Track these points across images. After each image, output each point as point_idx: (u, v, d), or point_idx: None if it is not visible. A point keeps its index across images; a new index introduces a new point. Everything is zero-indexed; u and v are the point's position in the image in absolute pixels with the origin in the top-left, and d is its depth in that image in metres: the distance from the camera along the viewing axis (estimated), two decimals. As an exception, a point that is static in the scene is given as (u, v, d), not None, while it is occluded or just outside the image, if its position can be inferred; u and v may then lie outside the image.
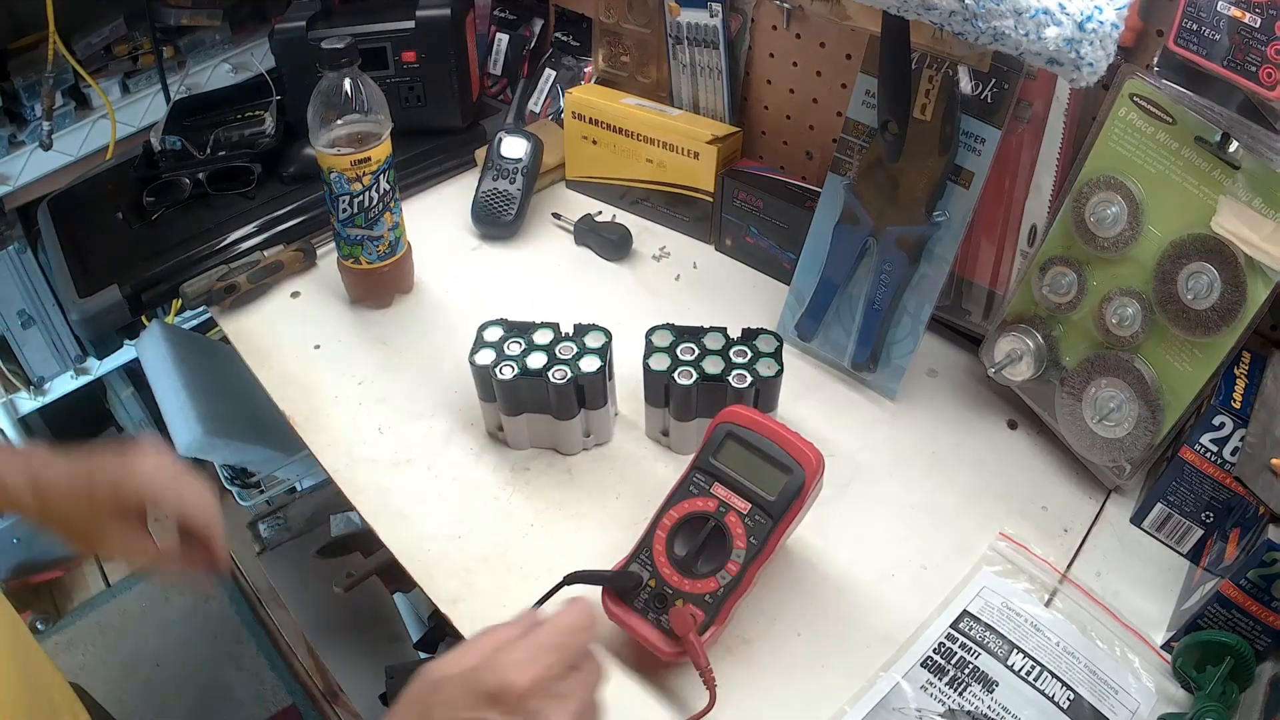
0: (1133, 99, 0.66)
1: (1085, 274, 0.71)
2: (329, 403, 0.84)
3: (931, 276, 0.77)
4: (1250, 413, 0.65)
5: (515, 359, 0.73)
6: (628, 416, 0.81)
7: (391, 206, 0.87)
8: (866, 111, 0.78)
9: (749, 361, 0.73)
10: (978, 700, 0.60)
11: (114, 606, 1.68)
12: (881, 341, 0.81)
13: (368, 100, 0.82)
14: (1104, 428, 0.71)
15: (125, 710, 1.52)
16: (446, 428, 0.81)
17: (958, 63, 0.72)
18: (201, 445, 1.13)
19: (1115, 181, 0.68)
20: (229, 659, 1.59)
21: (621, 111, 1.00)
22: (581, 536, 0.72)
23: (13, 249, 1.46)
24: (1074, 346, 0.74)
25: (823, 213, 0.83)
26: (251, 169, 1.05)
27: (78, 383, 1.63)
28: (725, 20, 0.95)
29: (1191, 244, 0.64)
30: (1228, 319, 0.62)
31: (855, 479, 0.76)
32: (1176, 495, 0.68)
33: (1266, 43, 0.57)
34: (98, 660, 1.61)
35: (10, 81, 1.36)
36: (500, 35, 1.21)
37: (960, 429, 0.80)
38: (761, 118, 1.01)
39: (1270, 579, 0.57)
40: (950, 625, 0.64)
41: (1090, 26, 0.55)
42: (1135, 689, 0.61)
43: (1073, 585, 0.67)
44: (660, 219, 1.04)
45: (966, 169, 0.74)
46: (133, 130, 1.44)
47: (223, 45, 1.51)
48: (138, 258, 0.99)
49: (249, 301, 0.95)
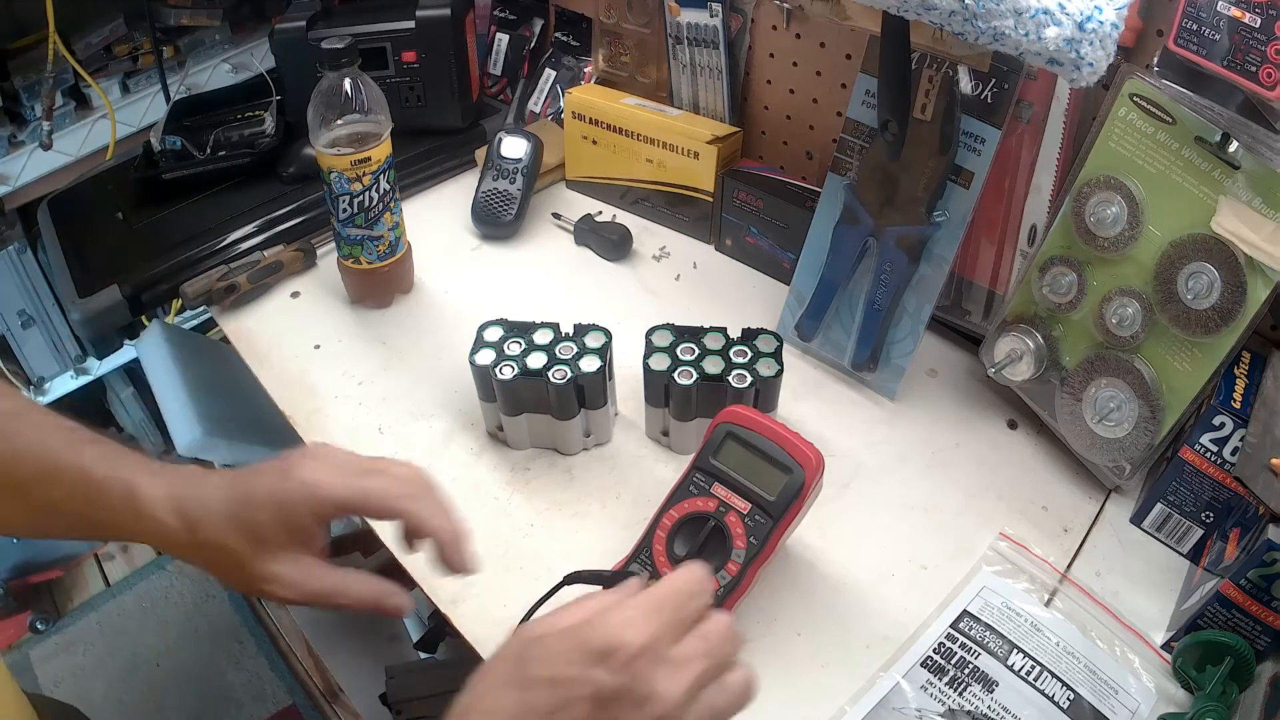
0: (1133, 99, 0.66)
1: (1085, 274, 0.71)
2: (329, 403, 0.84)
3: (931, 276, 0.77)
4: (1250, 413, 0.65)
5: (515, 359, 0.73)
6: (628, 416, 0.81)
7: (391, 206, 0.87)
8: (866, 111, 0.78)
9: (749, 361, 0.73)
10: (978, 700, 0.60)
11: (114, 606, 1.68)
12: (881, 341, 0.81)
13: (368, 100, 0.82)
14: (1104, 428, 0.71)
15: (125, 710, 1.52)
16: (446, 428, 0.81)
17: (958, 63, 0.72)
18: (201, 445, 1.13)
19: (1115, 181, 0.68)
20: (229, 659, 1.59)
21: (621, 111, 1.00)
22: (581, 536, 0.72)
23: (13, 249, 1.46)
24: (1074, 346, 0.74)
25: (823, 213, 0.83)
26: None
27: (78, 383, 1.63)
28: (725, 20, 0.95)
29: (1191, 244, 0.64)
30: (1228, 319, 0.62)
31: (855, 479, 0.76)
32: (1176, 495, 0.68)
33: (1266, 43, 0.57)
34: (98, 660, 1.61)
35: (10, 81, 1.36)
36: (500, 35, 1.21)
37: (960, 429, 0.80)
38: (761, 118, 1.01)
39: (1270, 579, 0.57)
40: (950, 625, 0.64)
41: (1090, 26, 0.55)
42: (1135, 689, 0.61)
43: (1073, 585, 0.67)
44: (660, 219, 1.04)
45: (966, 169, 0.74)
46: (133, 130, 1.44)
47: (223, 45, 1.51)
48: (138, 258, 0.99)
49: (249, 301, 0.95)
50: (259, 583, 0.54)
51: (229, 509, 0.53)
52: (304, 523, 0.53)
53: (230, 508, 0.53)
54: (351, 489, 0.54)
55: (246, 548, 0.53)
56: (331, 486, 0.53)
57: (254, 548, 0.53)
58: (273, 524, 0.53)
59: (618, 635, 0.41)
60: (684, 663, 0.42)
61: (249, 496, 0.53)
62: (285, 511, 0.53)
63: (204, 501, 0.54)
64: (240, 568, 0.54)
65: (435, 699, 1.05)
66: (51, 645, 1.63)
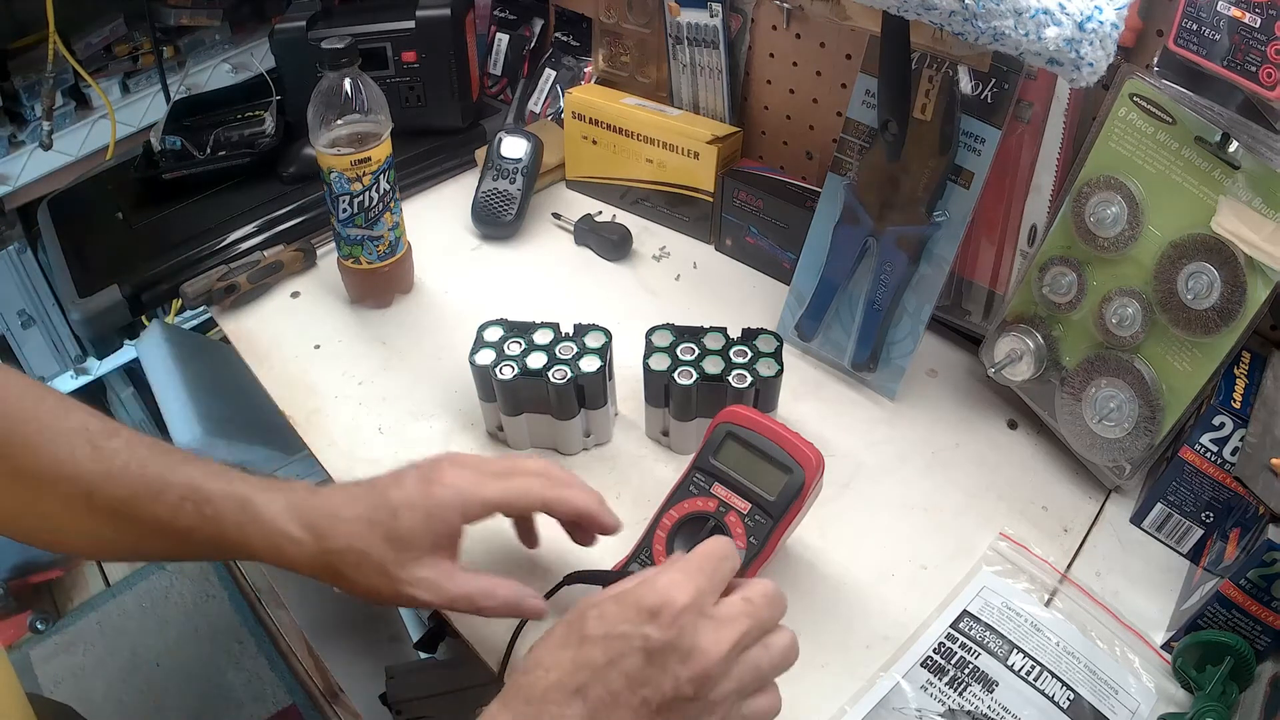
0: (1133, 99, 0.66)
1: (1085, 274, 0.71)
2: (329, 403, 0.84)
3: (931, 276, 0.77)
4: (1250, 413, 0.65)
5: (515, 359, 0.73)
6: (628, 416, 0.81)
7: (391, 206, 0.87)
8: (866, 111, 0.78)
9: (749, 361, 0.73)
10: (978, 700, 0.60)
11: (114, 606, 1.68)
12: (881, 341, 0.81)
13: (368, 100, 0.82)
14: (1104, 428, 0.71)
15: (125, 710, 1.52)
16: (446, 428, 0.81)
17: (958, 63, 0.72)
18: (201, 445, 1.13)
19: (1115, 181, 0.68)
20: (229, 659, 1.59)
21: (621, 111, 1.01)
22: (581, 536, 0.72)
23: (13, 249, 1.46)
24: (1074, 346, 0.74)
25: (823, 213, 0.83)
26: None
27: (78, 383, 1.63)
28: (725, 20, 0.95)
29: (1191, 244, 0.64)
30: (1228, 319, 0.62)
31: (855, 479, 0.76)
32: (1176, 495, 0.68)
33: (1266, 43, 0.57)
34: (98, 660, 1.61)
35: (10, 81, 1.36)
36: (500, 35, 1.21)
37: (960, 429, 0.80)
38: (761, 118, 1.01)
39: (1270, 579, 0.57)
40: (950, 625, 0.64)
41: (1090, 26, 0.55)
42: (1135, 689, 0.61)
43: (1073, 585, 0.67)
44: (660, 219, 1.04)
45: (966, 169, 0.74)
46: (133, 130, 1.44)
47: (223, 45, 1.51)
48: (138, 258, 0.99)
49: (249, 301, 0.95)
50: (403, 586, 0.55)
51: (368, 516, 0.55)
52: (451, 527, 0.56)
53: (370, 514, 0.55)
54: (499, 490, 0.57)
55: (390, 553, 0.55)
56: (482, 489, 0.56)
57: (398, 553, 0.55)
58: (419, 530, 0.55)
59: (664, 593, 0.46)
60: (727, 621, 0.46)
61: (390, 504, 0.55)
62: (433, 517, 0.55)
63: (331, 511, 0.55)
64: (382, 573, 0.55)
65: (435, 699, 1.05)
66: (51, 645, 1.63)
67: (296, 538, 0.55)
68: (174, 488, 0.56)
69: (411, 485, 0.56)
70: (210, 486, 0.56)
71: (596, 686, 0.45)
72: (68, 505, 0.56)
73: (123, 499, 0.56)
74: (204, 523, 0.56)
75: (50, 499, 0.57)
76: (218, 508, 0.56)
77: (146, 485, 0.56)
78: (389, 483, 0.57)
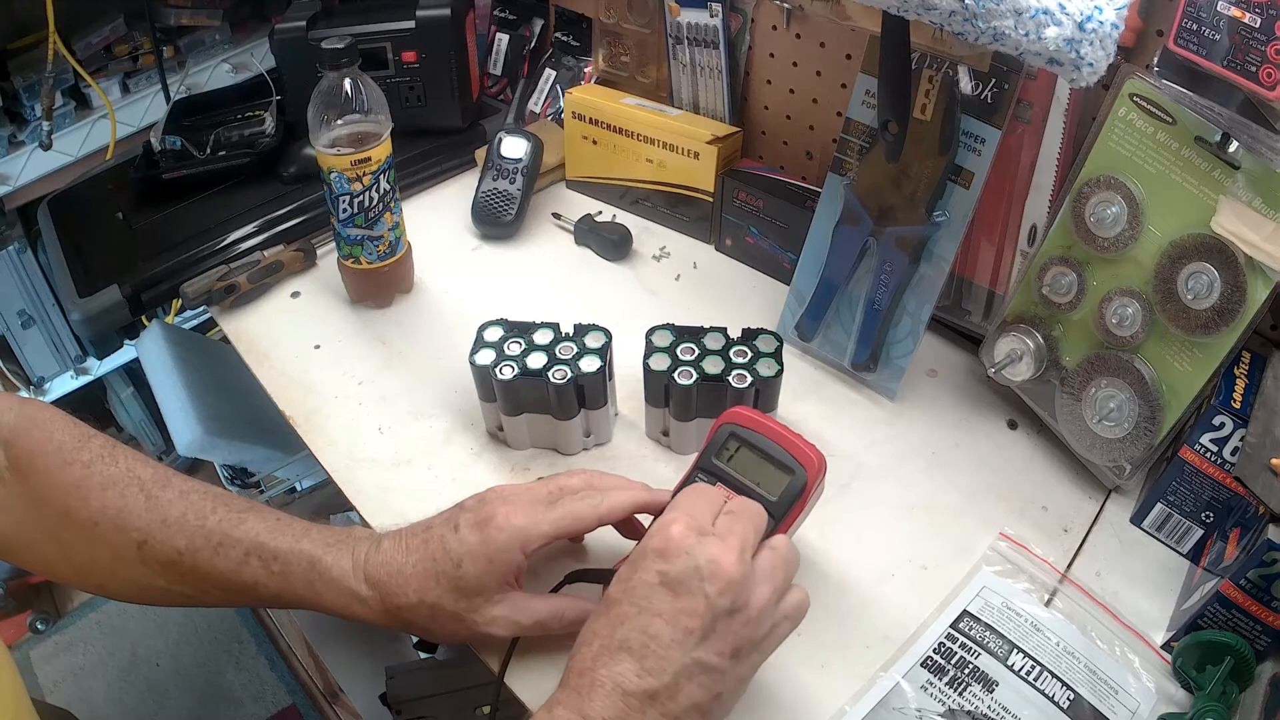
0: (1133, 99, 0.66)
1: (1085, 274, 0.71)
2: (329, 403, 0.84)
3: (931, 276, 0.77)
4: (1250, 413, 0.65)
5: (515, 359, 0.73)
6: (628, 416, 0.81)
7: (391, 206, 0.87)
8: (866, 111, 0.78)
9: (749, 361, 0.73)
10: (978, 700, 0.60)
11: (114, 606, 1.68)
12: (881, 341, 0.81)
13: (368, 100, 0.82)
14: (1104, 428, 0.71)
15: (125, 710, 1.52)
16: (446, 428, 0.81)
17: (958, 63, 0.72)
18: (201, 445, 1.14)
19: (1115, 181, 0.68)
20: (229, 659, 1.59)
21: (621, 111, 1.01)
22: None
23: (13, 249, 1.46)
24: (1074, 346, 0.74)
25: (823, 213, 0.83)
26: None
27: (78, 383, 1.63)
28: (725, 20, 0.95)
29: (1191, 244, 0.64)
30: (1228, 319, 0.62)
31: (855, 479, 0.76)
32: (1176, 495, 0.68)
33: (1266, 43, 0.57)
34: (98, 660, 1.61)
35: (10, 81, 1.36)
36: (500, 35, 1.21)
37: (960, 429, 0.80)
38: (761, 118, 1.01)
39: (1270, 579, 0.57)
40: (950, 625, 0.64)
41: (1090, 26, 0.55)
42: (1135, 689, 0.61)
43: (1073, 585, 0.67)
44: (660, 219, 1.04)
45: (966, 169, 0.74)
46: (133, 130, 1.44)
47: (223, 45, 1.51)
48: (138, 258, 0.99)
49: (249, 301, 0.95)
50: (480, 628, 0.57)
51: (433, 570, 0.56)
52: (514, 564, 0.57)
53: (434, 568, 0.56)
54: (554, 521, 0.57)
55: (462, 602, 0.56)
56: (538, 525, 0.57)
57: (469, 600, 0.56)
58: (485, 576, 0.56)
59: (662, 531, 0.51)
60: (726, 532, 0.51)
61: (452, 555, 0.56)
62: (495, 561, 0.56)
63: (396, 569, 0.57)
64: (457, 620, 0.57)
65: (435, 699, 1.05)
66: (51, 645, 1.63)
67: (364, 596, 0.57)
68: (238, 543, 0.57)
69: (468, 532, 0.57)
70: (277, 544, 0.57)
71: (636, 635, 0.47)
72: (117, 553, 0.57)
73: (180, 550, 0.57)
74: (271, 578, 0.57)
75: (100, 546, 0.57)
76: (285, 565, 0.57)
77: (206, 538, 0.57)
78: (444, 530, 0.57)
